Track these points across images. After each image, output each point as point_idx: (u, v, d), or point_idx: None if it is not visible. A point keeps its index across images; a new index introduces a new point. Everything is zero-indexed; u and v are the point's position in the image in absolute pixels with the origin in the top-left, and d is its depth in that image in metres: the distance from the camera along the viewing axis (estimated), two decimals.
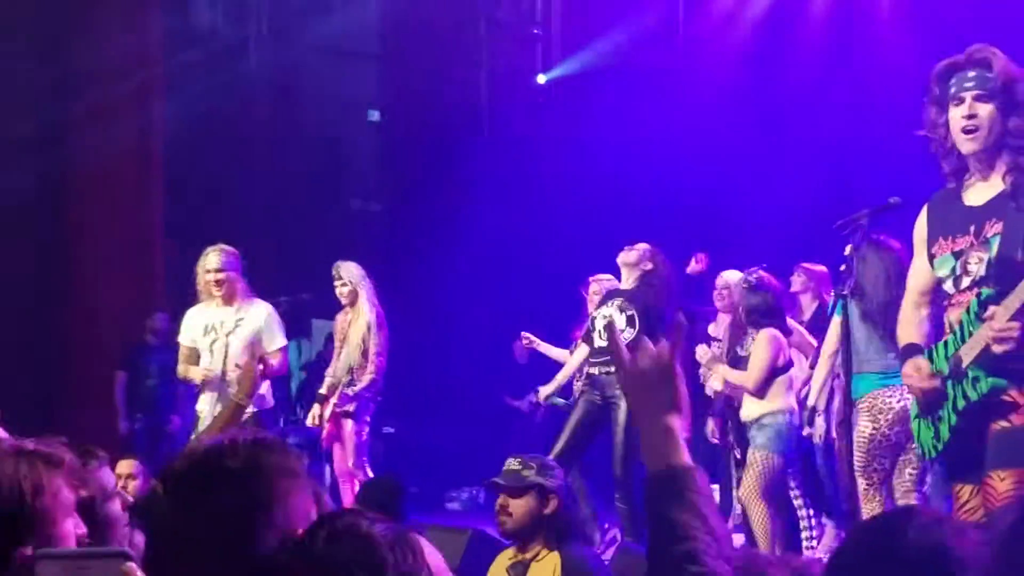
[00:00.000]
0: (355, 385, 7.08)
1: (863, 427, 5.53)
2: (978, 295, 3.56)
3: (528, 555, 4.02)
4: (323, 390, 7.23)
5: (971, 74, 3.59)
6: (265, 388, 6.37)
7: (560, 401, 7.59)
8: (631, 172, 10.55)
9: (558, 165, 11.62)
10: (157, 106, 10.04)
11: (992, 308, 3.48)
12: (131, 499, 3.06)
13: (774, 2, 10.61)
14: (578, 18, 11.52)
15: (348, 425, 7.12)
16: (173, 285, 10.02)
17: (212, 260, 6.51)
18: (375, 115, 12.14)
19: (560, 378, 7.09)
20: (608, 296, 6.90)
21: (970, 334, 3.55)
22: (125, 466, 5.08)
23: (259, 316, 6.52)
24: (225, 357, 6.43)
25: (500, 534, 4.13)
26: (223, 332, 6.48)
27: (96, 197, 9.75)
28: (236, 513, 1.72)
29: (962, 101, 3.59)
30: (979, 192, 3.65)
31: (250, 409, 6.27)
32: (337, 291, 7.29)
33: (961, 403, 3.59)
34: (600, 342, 6.69)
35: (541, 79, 11.88)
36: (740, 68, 10.44)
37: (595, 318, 6.82)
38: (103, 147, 9.47)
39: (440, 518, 8.16)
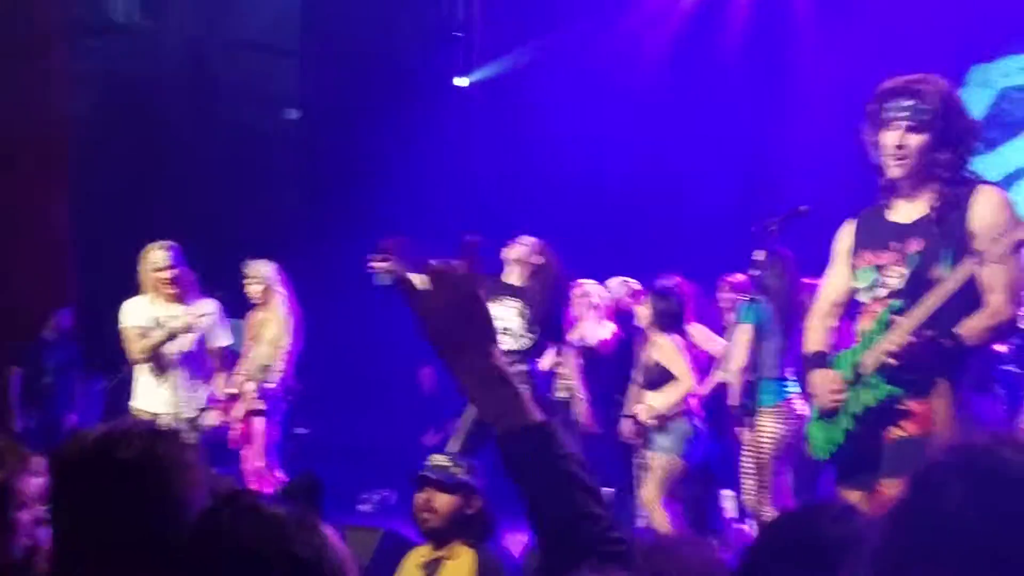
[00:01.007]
0: (266, 384, 7.02)
1: (773, 429, 5.63)
2: (889, 306, 3.66)
3: (443, 553, 3.99)
4: (234, 389, 7.15)
5: (906, 103, 3.65)
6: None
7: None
8: (551, 174, 10.59)
9: (478, 167, 11.62)
10: (63, 97, 9.81)
11: (896, 318, 3.58)
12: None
13: (696, 7, 10.72)
14: (500, 21, 11.54)
15: (259, 424, 7.05)
16: (83, 281, 9.85)
17: (159, 257, 6.42)
18: (294, 113, 12.02)
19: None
20: (497, 290, 6.64)
21: (876, 342, 3.65)
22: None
23: (209, 313, 6.51)
24: (180, 353, 6.43)
25: (421, 531, 4.06)
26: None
27: None
28: (127, 506, 1.66)
29: (894, 128, 3.66)
30: (906, 211, 3.76)
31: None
32: (247, 289, 7.22)
33: (859, 408, 3.68)
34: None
35: (462, 81, 11.87)
36: (662, 71, 10.53)
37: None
38: (6, 139, 9.25)
39: (352, 520, 8.10)
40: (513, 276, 6.69)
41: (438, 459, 4.14)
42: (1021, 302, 3.70)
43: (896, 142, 3.65)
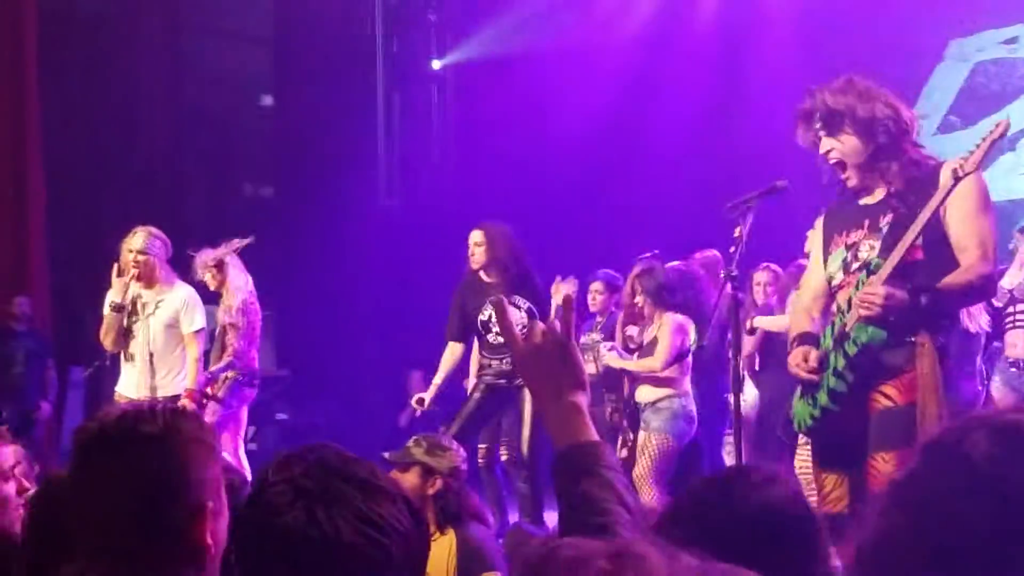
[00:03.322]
0: (217, 369, 6.85)
1: None
2: (866, 266, 3.65)
3: None
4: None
5: (818, 115, 3.78)
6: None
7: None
8: (527, 157, 10.55)
9: (453, 151, 11.59)
10: (33, 86, 9.70)
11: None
12: (28, 485, 2.90)
13: None
14: (473, 3, 11.50)
15: (209, 408, 6.88)
16: (58, 270, 9.79)
17: (137, 241, 6.52)
18: (268, 99, 11.97)
19: (437, 381, 6.65)
20: (479, 293, 6.55)
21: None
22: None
23: (178, 298, 6.54)
24: (149, 339, 6.47)
25: None
26: (144, 314, 6.50)
27: None
28: (150, 480, 1.68)
29: (822, 139, 3.79)
30: (872, 195, 3.78)
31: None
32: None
33: (841, 362, 3.64)
34: (499, 339, 6.53)
35: (436, 64, 11.84)
36: (637, 51, 10.49)
37: (487, 321, 6.59)
38: None
39: None
40: (489, 275, 6.58)
41: (408, 442, 4.15)
42: (995, 260, 3.68)
43: (823, 150, 3.77)
